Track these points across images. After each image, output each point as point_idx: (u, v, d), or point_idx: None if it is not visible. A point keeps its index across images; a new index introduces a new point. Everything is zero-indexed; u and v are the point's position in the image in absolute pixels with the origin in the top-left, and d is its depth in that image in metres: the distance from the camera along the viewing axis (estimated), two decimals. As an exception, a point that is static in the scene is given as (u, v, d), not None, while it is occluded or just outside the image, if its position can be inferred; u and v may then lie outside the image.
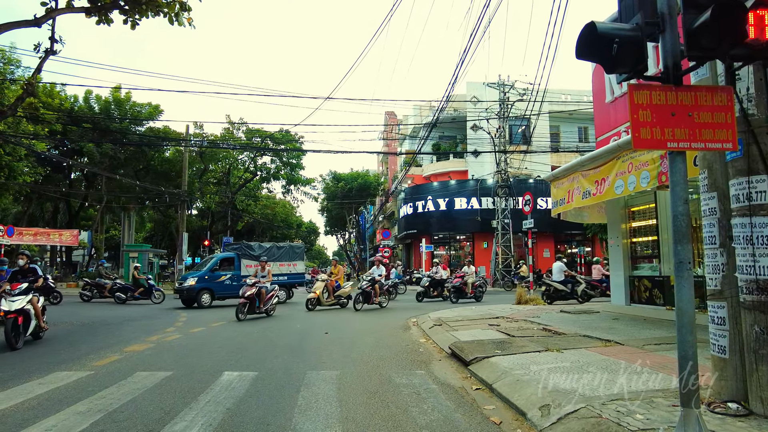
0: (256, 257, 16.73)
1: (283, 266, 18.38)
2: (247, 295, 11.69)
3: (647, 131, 3.13)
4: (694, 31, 3.12)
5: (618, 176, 7.36)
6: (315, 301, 14.03)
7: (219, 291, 16.44)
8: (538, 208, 24.26)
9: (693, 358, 3.06)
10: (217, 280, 16.46)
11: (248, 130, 35.34)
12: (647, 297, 9.94)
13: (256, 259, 16.51)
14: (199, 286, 15.96)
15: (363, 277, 13.68)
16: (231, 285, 16.41)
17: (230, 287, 16.37)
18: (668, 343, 6.49)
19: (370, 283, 14.21)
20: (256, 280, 12.23)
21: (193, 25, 9.75)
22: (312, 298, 14.06)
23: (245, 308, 11.55)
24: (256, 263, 16.25)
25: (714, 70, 3.97)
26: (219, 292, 16.42)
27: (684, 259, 3.05)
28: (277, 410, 4.30)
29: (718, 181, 3.91)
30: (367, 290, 14.07)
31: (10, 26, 9.18)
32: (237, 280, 16.31)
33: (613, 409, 3.79)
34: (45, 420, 4.04)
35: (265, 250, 17.74)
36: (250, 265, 16.71)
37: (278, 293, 12.87)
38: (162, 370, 5.97)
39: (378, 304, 14.29)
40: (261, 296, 12.12)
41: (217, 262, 16.80)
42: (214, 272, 16.45)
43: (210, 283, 16.26)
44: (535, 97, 12.44)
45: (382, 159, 52.26)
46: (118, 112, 28.35)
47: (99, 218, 33.01)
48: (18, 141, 19.28)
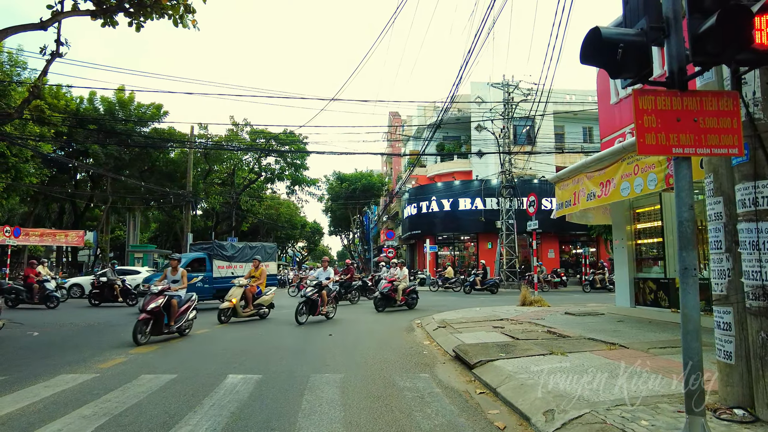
0: (228, 258, 15.99)
1: None
2: (150, 308, 8.30)
3: (652, 137, 3.12)
4: (700, 35, 3.10)
5: (624, 178, 7.33)
6: (230, 311, 11.33)
7: None
8: (542, 209, 24.19)
9: (698, 364, 3.05)
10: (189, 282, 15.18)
11: (252, 131, 35.49)
12: (652, 299, 9.89)
13: (228, 260, 15.83)
14: None
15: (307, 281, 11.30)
16: (203, 288, 15.24)
17: (202, 290, 15.05)
18: (673, 347, 6.46)
19: (316, 289, 11.40)
20: (164, 285, 8.88)
21: (197, 27, 9.78)
22: (226, 308, 11.29)
23: (146, 327, 8.28)
24: (228, 264, 15.81)
25: (720, 74, 3.95)
26: None
27: (689, 265, 3.04)
28: (281, 414, 4.31)
29: (724, 186, 3.89)
30: (313, 298, 11.26)
31: (16, 29, 9.23)
32: (209, 282, 15.44)
33: (617, 415, 3.78)
34: (51, 423, 4.07)
35: (237, 250, 16.78)
36: (222, 266, 15.86)
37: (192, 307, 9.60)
38: (166, 372, 5.99)
39: (324, 315, 11.70)
40: (171, 309, 8.81)
41: (186, 264, 14.88)
42: None
43: None
44: (539, 97, 12.43)
45: (386, 159, 52.27)
46: (122, 114, 28.48)
47: (104, 219, 33.17)
48: (24, 143, 19.40)
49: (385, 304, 14.22)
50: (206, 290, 15.17)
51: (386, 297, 14.28)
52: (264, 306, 12.25)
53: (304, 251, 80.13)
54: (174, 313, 8.88)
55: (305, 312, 11.17)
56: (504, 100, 26.53)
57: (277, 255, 20.46)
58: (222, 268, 15.73)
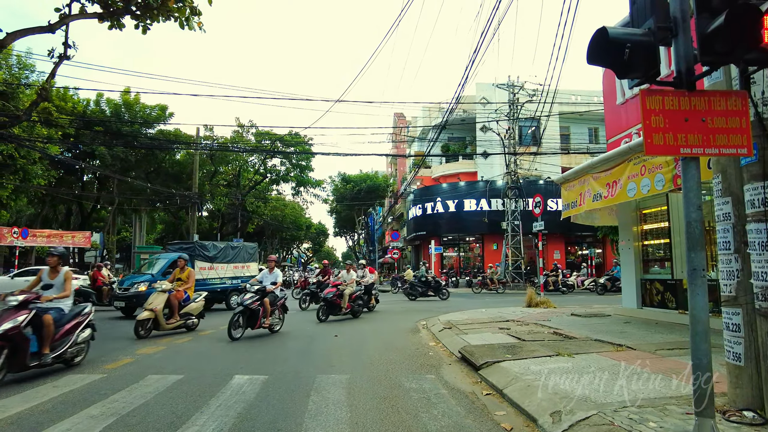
0: (210, 258, 15.18)
1: (237, 268, 16.46)
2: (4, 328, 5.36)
3: (660, 137, 3.10)
4: (708, 35, 3.09)
5: (630, 179, 7.29)
6: (150, 323, 9.13)
7: None
8: (548, 210, 24.12)
9: (707, 365, 3.03)
10: None
11: (258, 132, 35.63)
12: (659, 300, 9.84)
13: (210, 261, 15.08)
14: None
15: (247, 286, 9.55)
16: None
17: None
18: (681, 348, 6.42)
19: (257, 296, 9.31)
20: (28, 296, 5.83)
21: (203, 29, 9.84)
22: (144, 320, 9.03)
23: None
24: (210, 265, 15.04)
25: (728, 74, 3.92)
26: None
27: (698, 266, 3.02)
28: (288, 415, 4.32)
29: (733, 186, 3.86)
30: (252, 307, 9.14)
31: (25, 32, 9.32)
32: None
33: (625, 416, 3.76)
34: (59, 423, 4.09)
35: (219, 250, 15.84)
36: (204, 267, 14.94)
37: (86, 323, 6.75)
38: (173, 373, 6.01)
39: (267, 328, 9.60)
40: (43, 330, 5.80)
41: (168, 264, 14.05)
42: (165, 276, 13.28)
43: None
44: (544, 98, 12.39)
45: (391, 160, 52.32)
46: (128, 115, 28.67)
47: (111, 220, 33.40)
48: (32, 145, 19.56)
49: (328, 312, 12.13)
50: None
51: (330, 304, 12.19)
52: (192, 315, 10.14)
53: (309, 252, 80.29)
54: (48, 337, 5.87)
55: (241, 325, 9.08)
56: (509, 101, 26.49)
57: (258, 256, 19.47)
58: (204, 269, 14.90)
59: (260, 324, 9.37)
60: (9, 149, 18.62)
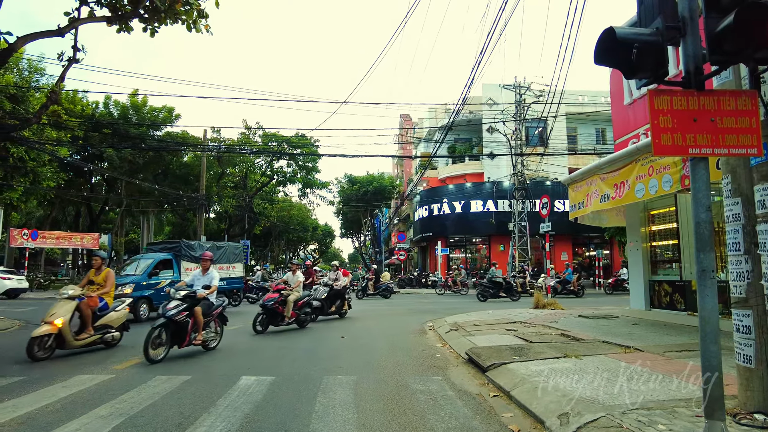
0: (196, 259, 14.13)
1: (222, 269, 15.43)
2: None
3: (668, 137, 3.08)
4: (717, 34, 3.07)
5: (638, 180, 7.25)
6: (51, 340, 7.12)
7: (158, 300, 12.26)
8: (555, 211, 24.01)
9: (717, 367, 3.00)
10: (156, 287, 13.09)
11: (265, 134, 35.78)
12: (668, 302, 9.76)
13: (196, 261, 13.96)
14: (138, 295, 12.25)
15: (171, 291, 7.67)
16: None
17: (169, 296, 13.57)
18: (690, 350, 6.36)
19: (183, 304, 7.33)
20: None
21: (210, 32, 9.89)
22: (43, 336, 7.02)
23: None
24: (196, 265, 13.52)
25: (738, 73, 3.89)
26: (158, 302, 11.91)
27: (707, 267, 3.00)
28: (295, 416, 4.33)
29: (742, 187, 3.83)
30: (178, 320, 7.18)
31: (35, 36, 9.41)
32: None
33: (634, 419, 3.73)
34: (69, 423, 4.13)
35: (204, 249, 14.64)
36: (189, 268, 13.92)
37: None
38: (181, 374, 6.05)
39: (201, 344, 7.66)
40: None
41: (153, 265, 13.43)
42: (151, 277, 13.07)
43: (148, 291, 12.76)
44: (551, 98, 12.35)
45: (397, 162, 52.33)
46: (136, 117, 28.89)
47: (119, 221, 33.65)
48: (42, 147, 19.75)
49: (268, 322, 10.17)
50: None
51: (271, 312, 10.16)
52: (112, 328, 8.16)
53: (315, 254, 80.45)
54: None
55: (163, 342, 7.04)
56: (516, 102, 26.41)
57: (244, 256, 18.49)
58: (190, 270, 13.72)
59: (189, 341, 7.36)
60: (20, 152, 18.82)
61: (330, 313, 12.64)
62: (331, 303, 12.72)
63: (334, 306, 12.82)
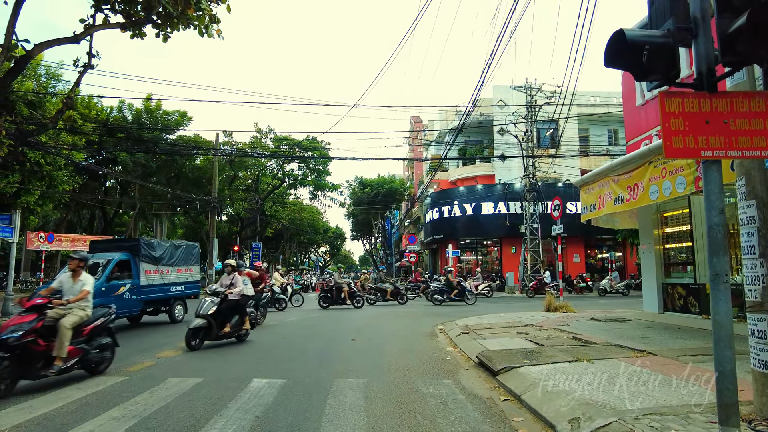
0: (156, 260, 12.41)
1: (181, 272, 13.42)
2: None
3: (680, 140, 3.05)
4: (730, 35, 3.04)
5: (652, 181, 7.17)
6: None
7: (118, 308, 8.91)
8: (567, 213, 23.78)
9: (731, 373, 2.96)
10: (115, 293, 11.02)
11: (276, 137, 36.01)
12: (682, 305, 9.62)
13: (156, 263, 12.38)
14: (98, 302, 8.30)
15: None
16: (130, 301, 11.45)
17: (129, 303, 11.43)
18: (705, 354, 6.27)
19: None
20: None
21: (222, 37, 10.00)
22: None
23: None
24: (155, 268, 12.35)
25: (752, 74, 3.83)
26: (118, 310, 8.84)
27: (720, 271, 2.96)
28: (306, 419, 4.35)
29: (757, 189, 3.77)
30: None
31: (52, 43, 9.59)
32: (137, 292, 11.62)
33: (646, 424, 3.69)
34: (83, 424, 4.20)
35: (164, 249, 12.93)
36: (149, 271, 12.15)
37: None
38: (193, 376, 6.10)
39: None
40: None
41: (113, 267, 11.21)
42: (111, 282, 11.05)
43: (109, 298, 10.45)
44: (563, 99, 12.26)
45: (408, 164, 52.30)
46: (149, 121, 29.23)
47: (132, 224, 34.04)
48: (58, 151, 20.07)
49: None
50: (133, 303, 11.59)
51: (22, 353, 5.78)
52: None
53: (326, 256, 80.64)
54: None
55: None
56: (527, 103, 26.27)
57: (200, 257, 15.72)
58: (150, 273, 12.16)
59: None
60: (36, 156, 19.14)
61: (221, 335, 8.75)
62: (223, 320, 8.83)
63: (228, 325, 8.87)
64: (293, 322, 12.67)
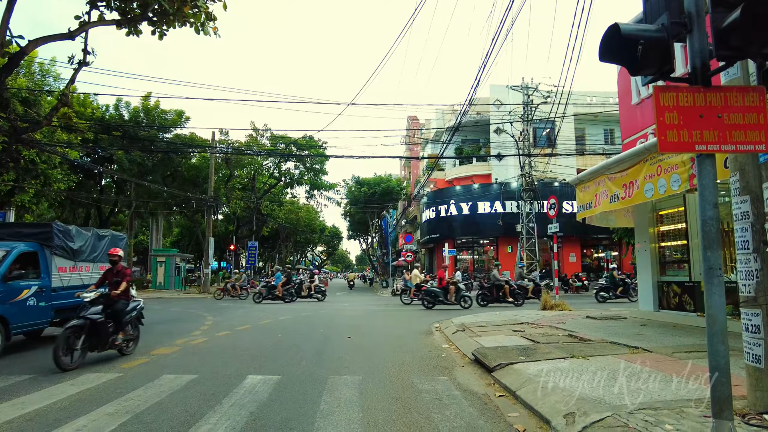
0: (73, 253, 9.44)
1: (103, 269, 9.00)
2: None
3: (674, 134, 3.06)
4: (724, 30, 3.04)
5: (647, 179, 7.18)
6: None
7: (19, 320, 7.87)
8: (563, 212, 23.85)
9: (725, 367, 2.96)
10: (13, 300, 7.88)
11: (272, 136, 35.96)
12: (677, 303, 9.66)
13: (73, 257, 9.43)
14: None
15: None
16: (37, 308, 8.37)
17: (36, 312, 8.38)
18: (699, 351, 6.30)
19: None
20: None
21: (218, 34, 9.97)
22: None
23: None
24: (72, 264, 9.46)
25: (746, 69, 3.85)
26: (18, 323, 7.88)
27: (714, 265, 2.97)
28: (300, 414, 4.34)
29: (751, 184, 3.78)
30: None
31: (46, 39, 9.54)
32: (47, 297, 8.62)
33: (640, 419, 3.69)
34: (76, 420, 4.17)
35: (85, 240, 9.93)
36: (64, 268, 9.25)
37: None
38: (188, 373, 6.08)
39: None
40: None
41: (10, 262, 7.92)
42: (8, 282, 7.85)
43: (4, 305, 7.61)
44: (559, 99, 12.29)
45: (404, 163, 52.31)
46: (145, 120, 29.13)
47: (128, 223, 33.90)
48: (53, 150, 19.97)
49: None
50: (41, 312, 8.51)
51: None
52: None
53: (323, 255, 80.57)
54: None
55: None
56: (523, 103, 26.31)
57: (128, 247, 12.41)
58: (64, 270, 9.28)
59: None
60: (31, 154, 19.02)
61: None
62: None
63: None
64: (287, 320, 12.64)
